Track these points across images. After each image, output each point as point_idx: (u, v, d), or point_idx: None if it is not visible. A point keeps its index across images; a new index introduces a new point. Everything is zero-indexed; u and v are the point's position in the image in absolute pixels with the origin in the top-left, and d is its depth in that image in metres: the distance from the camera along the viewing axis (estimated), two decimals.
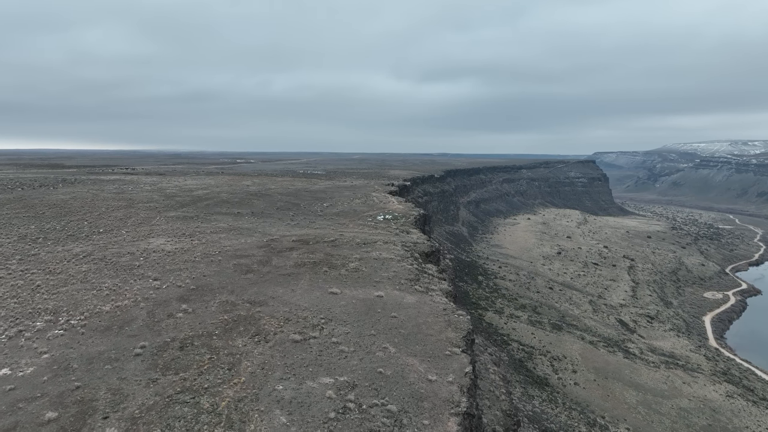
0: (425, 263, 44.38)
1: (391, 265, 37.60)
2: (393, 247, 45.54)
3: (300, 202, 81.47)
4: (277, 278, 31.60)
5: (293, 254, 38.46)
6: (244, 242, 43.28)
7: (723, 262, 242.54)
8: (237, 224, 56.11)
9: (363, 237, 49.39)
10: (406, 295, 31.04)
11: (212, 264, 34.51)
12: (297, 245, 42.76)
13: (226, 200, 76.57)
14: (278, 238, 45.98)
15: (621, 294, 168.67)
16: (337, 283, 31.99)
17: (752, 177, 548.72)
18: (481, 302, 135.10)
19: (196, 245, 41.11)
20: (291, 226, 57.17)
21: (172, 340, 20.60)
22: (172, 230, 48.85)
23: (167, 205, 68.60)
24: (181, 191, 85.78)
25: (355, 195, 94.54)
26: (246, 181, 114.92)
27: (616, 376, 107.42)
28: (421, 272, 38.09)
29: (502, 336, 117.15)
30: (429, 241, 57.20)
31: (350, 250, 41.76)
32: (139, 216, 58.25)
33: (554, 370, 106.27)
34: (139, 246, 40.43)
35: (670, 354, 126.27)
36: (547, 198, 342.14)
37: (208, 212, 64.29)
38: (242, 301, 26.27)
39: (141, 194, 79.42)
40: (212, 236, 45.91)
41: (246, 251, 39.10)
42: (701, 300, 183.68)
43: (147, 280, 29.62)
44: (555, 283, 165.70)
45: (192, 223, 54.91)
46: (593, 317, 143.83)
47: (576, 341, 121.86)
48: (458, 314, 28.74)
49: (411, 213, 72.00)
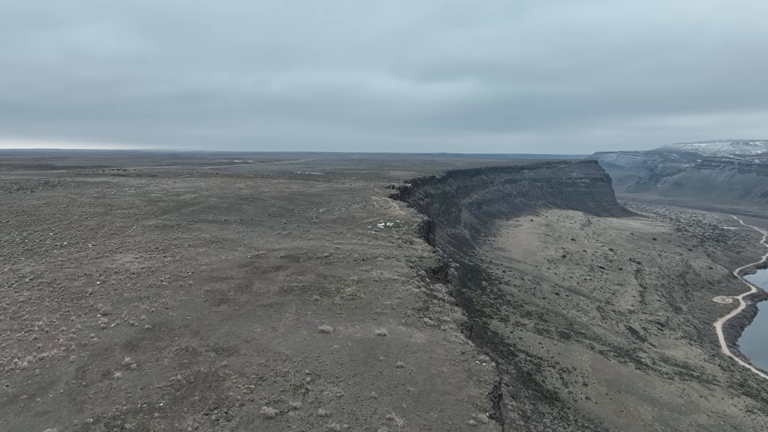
0: (433, 283, 38.66)
1: (395, 289, 31.87)
2: (396, 264, 39.83)
3: (294, 207, 75.70)
4: (257, 311, 25.92)
5: (279, 275, 32.75)
6: (224, 259, 37.55)
7: (730, 264, 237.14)
8: (221, 234, 50.38)
9: (362, 251, 43.67)
10: (414, 331, 25.31)
11: (180, 290, 28.82)
12: (285, 263, 37.03)
13: (214, 206, 70.79)
14: (265, 253, 40.23)
15: (629, 299, 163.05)
16: (329, 316, 26.27)
17: (755, 177, 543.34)
18: (485, 309, 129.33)
19: (168, 263, 35.38)
20: (282, 236, 51.43)
21: (95, 420, 14.92)
22: (145, 243, 43.10)
23: (148, 211, 62.84)
24: (166, 195, 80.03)
25: (353, 199, 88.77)
26: (239, 184, 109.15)
27: (630, 389, 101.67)
28: (429, 297, 32.34)
29: (509, 346, 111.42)
30: (435, 253, 51.48)
31: (347, 269, 36.02)
32: (113, 225, 52.49)
33: (564, 383, 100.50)
34: (101, 264, 34.70)
35: (684, 364, 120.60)
36: (550, 199, 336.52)
37: (191, 220, 58.53)
38: (206, 347, 20.61)
39: (122, 199, 73.62)
40: (189, 251, 40.16)
41: (224, 271, 33.38)
42: (711, 305, 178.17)
43: (93, 316, 23.94)
44: (561, 288, 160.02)
45: (171, 234, 49.17)
46: (602, 325, 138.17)
47: (585, 351, 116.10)
48: (480, 360, 22.93)
49: (414, 220, 66.28)
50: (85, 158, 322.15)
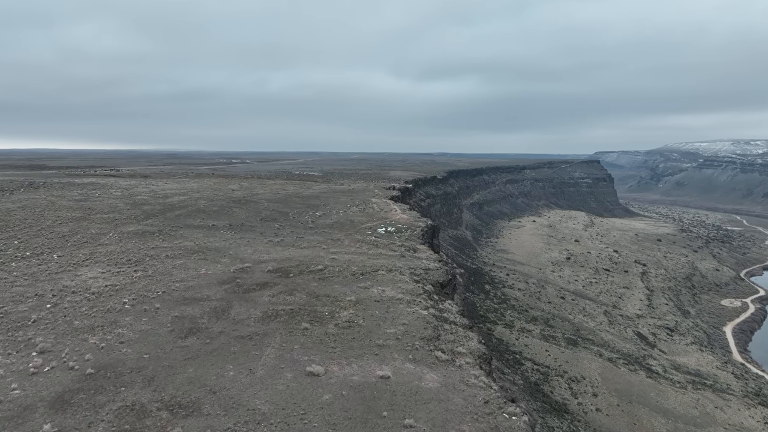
0: (441, 300, 33.94)
1: (399, 312, 27.17)
2: (399, 278, 35.14)
3: (289, 210, 70.97)
4: (232, 344, 21.27)
5: (265, 295, 28.07)
6: (203, 274, 32.84)
7: (737, 266, 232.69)
8: (206, 242, 45.66)
9: (361, 262, 38.99)
10: (424, 371, 20.61)
11: (143, 317, 24.16)
12: (273, 278, 32.32)
13: (203, 209, 66.05)
14: (251, 266, 35.52)
15: (636, 303, 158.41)
16: (321, 351, 21.57)
17: (757, 177, 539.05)
18: (489, 315, 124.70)
19: (137, 280, 30.68)
20: (273, 244, 46.71)
21: None
22: (118, 254, 38.39)
23: (130, 216, 58.11)
24: (153, 198, 75.28)
25: (352, 201, 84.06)
26: (232, 185, 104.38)
27: (641, 399, 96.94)
28: (439, 320, 27.63)
29: (515, 354, 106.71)
30: (441, 263, 46.78)
31: (343, 286, 31.32)
32: (87, 232, 47.76)
33: (573, 393, 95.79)
34: (59, 282, 30.00)
35: (696, 372, 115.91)
36: (552, 199, 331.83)
37: (176, 225, 53.80)
38: (159, 403, 15.91)
39: (105, 202, 68.85)
40: (165, 264, 35.44)
41: (201, 290, 28.69)
42: (719, 308, 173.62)
43: (26, 355, 19.24)
44: (566, 291, 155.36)
45: (149, 242, 44.44)
46: (609, 330, 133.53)
47: (594, 359, 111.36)
48: (509, 413, 18.17)
49: (417, 224, 61.61)
50: (80, 158, 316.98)
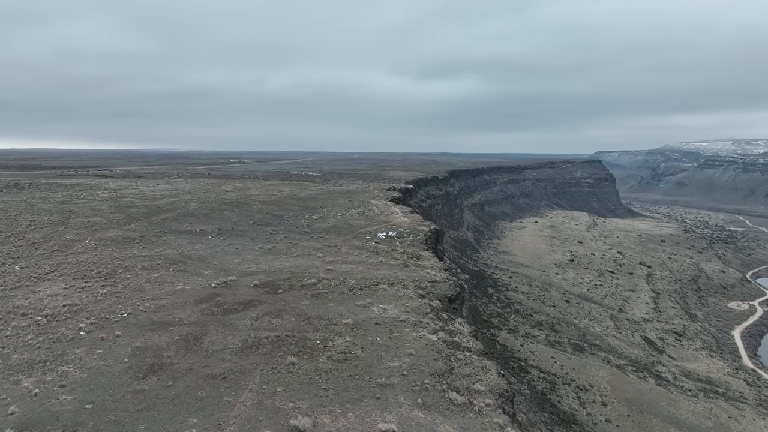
0: (451, 319, 29.90)
1: (404, 338, 23.17)
2: (403, 293, 31.15)
3: (284, 213, 66.96)
4: (200, 387, 17.28)
5: (247, 318, 24.07)
6: (180, 289, 28.82)
7: (742, 267, 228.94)
8: (190, 250, 41.66)
9: (359, 273, 34.99)
10: (437, 420, 16.62)
11: (98, 347, 20.18)
12: (259, 295, 28.31)
13: (192, 212, 62.03)
14: (236, 279, 31.49)
15: (642, 306, 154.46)
16: (309, 394, 17.54)
17: (760, 177, 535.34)
18: (493, 320, 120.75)
19: (102, 297, 26.67)
20: (263, 252, 42.70)
21: None
22: (88, 264, 34.36)
23: (112, 220, 54.08)
24: (141, 200, 71.23)
25: (351, 203, 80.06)
26: (227, 186, 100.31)
27: (652, 409, 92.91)
28: (451, 347, 23.61)
29: (519, 361, 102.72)
30: (448, 273, 42.77)
31: (339, 304, 27.31)
32: (61, 238, 43.74)
33: (581, 403, 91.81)
34: (12, 300, 25.98)
35: (707, 379, 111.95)
36: (553, 199, 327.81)
37: (160, 230, 49.79)
38: None
39: (89, 204, 64.81)
40: (139, 277, 31.42)
41: (173, 311, 24.69)
42: (726, 311, 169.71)
43: None
44: (571, 295, 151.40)
45: (128, 250, 40.43)
46: (616, 335, 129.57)
47: (602, 366, 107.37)
48: None
49: (420, 228, 57.63)
50: (77, 158, 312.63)
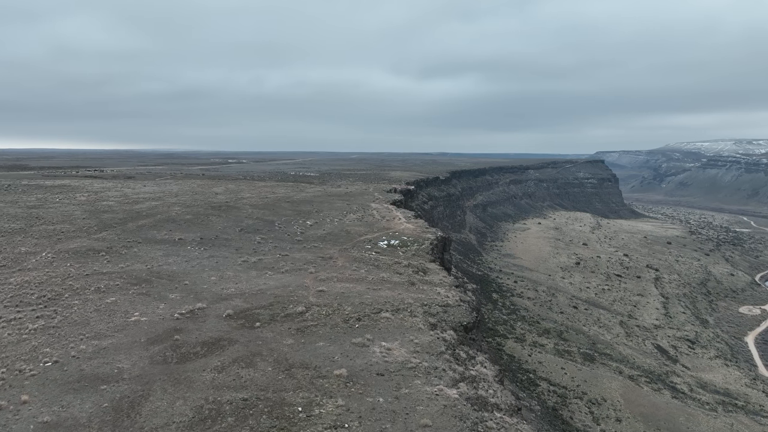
0: (470, 357, 24.22)
1: (415, 396, 17.49)
2: (410, 322, 25.50)
3: (276, 218, 61.29)
4: None
5: (208, 368, 18.41)
6: (134, 322, 23.16)
7: (750, 270, 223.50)
8: (161, 265, 36.03)
9: (357, 295, 29.36)
10: None
11: None
12: (230, 330, 22.65)
13: (174, 218, 56.36)
14: (206, 306, 25.86)
15: (652, 312, 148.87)
16: None
17: (763, 177, 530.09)
18: (498, 328, 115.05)
19: (30, 335, 21.04)
20: (247, 266, 37.07)
21: None
22: (33, 286, 28.70)
23: (81, 227, 48.45)
24: (120, 204, 65.58)
25: (349, 207, 74.37)
26: (217, 188, 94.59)
27: (670, 426, 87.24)
28: (478, 407, 17.95)
29: (528, 373, 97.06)
30: (459, 289, 37.12)
31: (331, 343, 21.64)
32: (15, 250, 38.09)
33: (594, 419, 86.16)
34: None
35: (725, 391, 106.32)
36: (556, 200, 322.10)
37: (133, 240, 44.15)
38: None
39: (61, 209, 59.16)
40: (89, 303, 25.77)
41: (115, 357, 19.06)
42: (738, 317, 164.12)
43: None
44: (579, 300, 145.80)
45: (88, 265, 34.80)
46: (627, 343, 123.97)
47: (614, 377, 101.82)
48: None
49: (424, 236, 51.97)
50: (71, 158, 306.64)
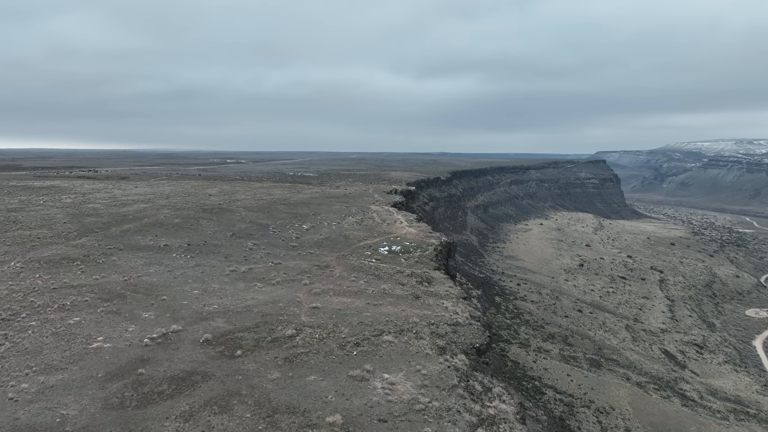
0: (486, 388, 20.89)
1: None
2: (415, 346, 22.21)
3: (270, 222, 57.99)
4: None
5: (172, 416, 15.09)
6: (94, 349, 19.86)
7: (755, 271, 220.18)
8: (140, 276, 32.73)
9: (356, 312, 26.08)
10: None
11: None
12: (205, 361, 19.33)
13: (162, 222, 53.05)
14: (182, 328, 22.55)
15: (658, 315, 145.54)
16: None
17: (765, 177, 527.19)
18: (502, 333, 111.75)
19: None
20: (235, 277, 33.78)
21: None
22: None
23: (61, 232, 45.15)
24: (107, 206, 62.28)
25: (348, 209, 71.08)
26: (212, 189, 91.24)
27: None
28: None
29: (533, 380, 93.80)
30: (468, 303, 33.84)
31: (324, 376, 18.31)
32: None
33: (603, 429, 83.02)
34: None
35: (736, 398, 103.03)
36: (558, 200, 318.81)
37: (114, 246, 40.85)
38: None
39: (43, 212, 55.86)
40: (48, 324, 22.48)
41: (61, 400, 15.79)
42: (745, 320, 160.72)
43: None
44: (583, 303, 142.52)
45: (60, 276, 31.51)
46: (634, 348, 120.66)
47: (621, 384, 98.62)
48: None
49: (428, 241, 48.68)
50: (67, 158, 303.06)
